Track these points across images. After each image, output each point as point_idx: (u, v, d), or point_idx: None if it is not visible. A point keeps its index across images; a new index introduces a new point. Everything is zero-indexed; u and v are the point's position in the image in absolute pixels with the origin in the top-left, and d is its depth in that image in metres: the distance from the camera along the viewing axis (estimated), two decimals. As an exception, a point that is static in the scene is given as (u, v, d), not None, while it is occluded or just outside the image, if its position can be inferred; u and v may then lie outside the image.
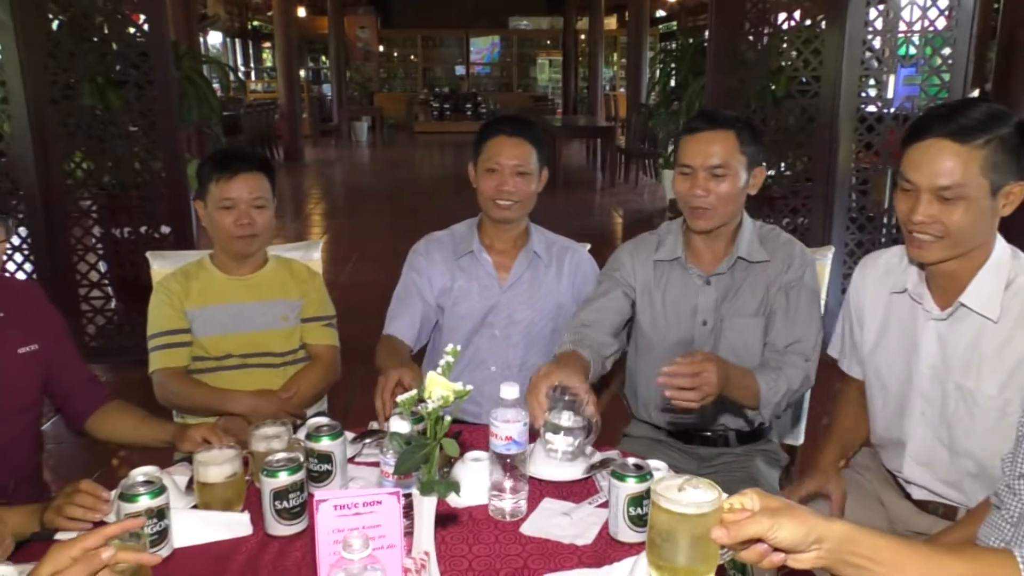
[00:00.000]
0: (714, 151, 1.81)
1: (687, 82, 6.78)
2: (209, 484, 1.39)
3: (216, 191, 2.02)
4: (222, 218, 2.02)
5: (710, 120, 1.85)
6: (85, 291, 4.22)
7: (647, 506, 1.27)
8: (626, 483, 1.30)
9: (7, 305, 1.65)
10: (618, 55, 19.21)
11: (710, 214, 1.83)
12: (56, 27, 3.96)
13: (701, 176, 1.82)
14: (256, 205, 2.04)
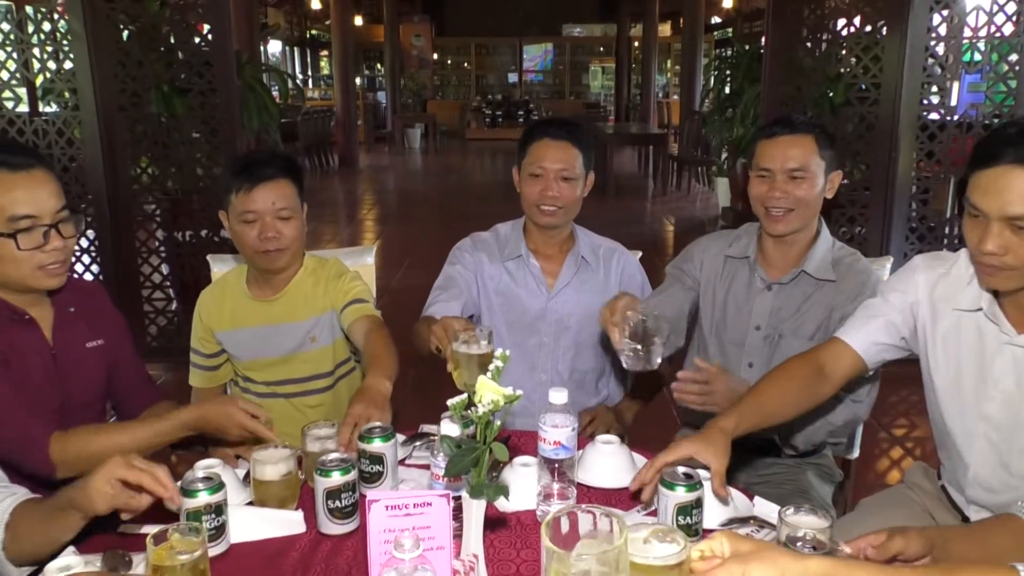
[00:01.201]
0: (793, 155, 1.83)
1: (742, 89, 6.69)
2: (265, 482, 1.43)
3: (237, 203, 1.87)
4: (245, 232, 1.88)
5: (789, 124, 1.86)
6: (148, 292, 4.36)
7: (696, 515, 1.29)
8: (675, 492, 1.29)
9: (76, 301, 1.73)
10: (671, 62, 19.08)
11: (788, 216, 1.84)
12: (126, 37, 4.12)
13: (779, 179, 1.83)
14: (281, 216, 1.88)
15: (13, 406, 1.50)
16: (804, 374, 1.59)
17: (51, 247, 1.54)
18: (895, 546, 1.18)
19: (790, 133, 1.84)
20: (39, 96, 4.14)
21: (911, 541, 1.20)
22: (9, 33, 3.96)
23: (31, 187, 1.52)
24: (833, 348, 1.62)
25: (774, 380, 1.59)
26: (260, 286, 2.01)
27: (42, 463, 1.48)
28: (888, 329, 1.59)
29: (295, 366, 2.01)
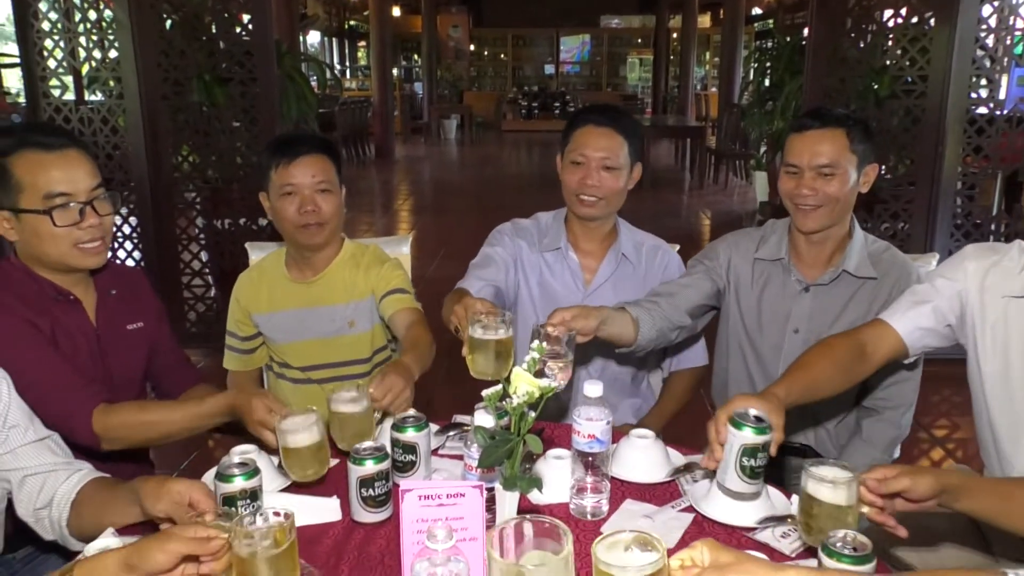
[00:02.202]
0: (823, 150, 1.76)
1: (783, 81, 6.58)
2: (294, 449, 1.40)
3: (277, 178, 1.90)
4: (285, 207, 1.90)
5: (820, 118, 1.79)
6: (187, 279, 4.43)
7: (761, 459, 1.28)
8: (742, 432, 1.27)
9: (117, 285, 1.77)
10: (711, 54, 18.83)
11: (818, 213, 1.79)
12: (169, 26, 4.18)
13: (808, 175, 1.78)
14: (321, 189, 1.90)
15: (59, 379, 1.53)
16: (846, 351, 1.57)
17: (87, 224, 1.59)
18: (899, 484, 1.19)
19: (820, 127, 1.78)
20: (85, 84, 4.22)
21: (919, 482, 1.20)
22: (56, 22, 4.04)
23: (66, 166, 1.56)
24: (876, 329, 1.59)
25: (819, 354, 1.57)
26: (299, 267, 2.03)
27: (86, 435, 1.51)
28: (935, 315, 1.57)
29: (332, 350, 2.01)
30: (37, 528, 1.36)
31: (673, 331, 1.86)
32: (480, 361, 1.44)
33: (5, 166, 1.54)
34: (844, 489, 1.16)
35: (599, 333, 1.66)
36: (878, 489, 1.19)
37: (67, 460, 1.40)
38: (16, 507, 1.36)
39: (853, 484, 1.17)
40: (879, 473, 1.20)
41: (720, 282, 1.95)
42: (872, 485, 1.19)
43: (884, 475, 1.19)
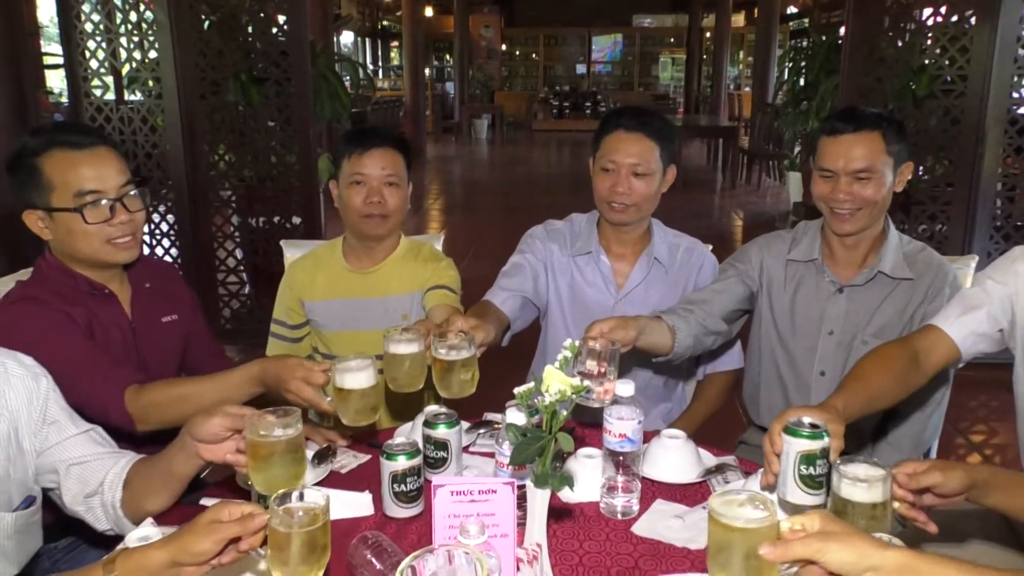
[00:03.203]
0: (858, 155, 1.73)
1: (818, 81, 6.48)
2: (350, 391, 1.41)
3: (348, 167, 1.96)
4: (352, 195, 1.95)
5: (853, 120, 1.75)
6: (222, 276, 4.50)
7: (821, 467, 1.20)
8: (798, 439, 1.20)
9: (151, 278, 1.80)
10: (744, 53, 18.66)
11: (856, 217, 1.76)
12: (207, 27, 4.25)
13: (844, 180, 1.74)
14: (388, 182, 1.95)
15: (91, 364, 1.55)
16: (900, 360, 1.53)
17: (117, 220, 1.62)
18: (930, 478, 1.19)
19: (854, 131, 1.73)
20: (125, 84, 4.30)
21: (950, 476, 1.19)
22: (99, 23, 4.12)
23: (95, 163, 1.60)
24: (929, 336, 1.57)
25: (874, 364, 1.53)
26: (358, 257, 2.06)
27: (120, 416, 1.53)
28: (988, 320, 1.54)
29: (381, 342, 2.03)
30: (88, 517, 1.39)
31: (709, 337, 1.85)
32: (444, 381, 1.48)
33: (37, 166, 1.58)
34: (879, 487, 1.14)
35: (637, 343, 1.65)
36: (908, 484, 1.18)
37: (112, 450, 1.43)
38: (63, 498, 1.39)
39: (887, 481, 1.15)
40: (910, 468, 1.19)
41: (753, 285, 1.93)
42: (902, 480, 1.18)
43: (915, 469, 1.19)
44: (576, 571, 1.24)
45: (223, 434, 1.28)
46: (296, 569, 1.05)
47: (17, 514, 1.35)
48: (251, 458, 1.21)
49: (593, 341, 1.49)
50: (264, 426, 1.20)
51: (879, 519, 1.14)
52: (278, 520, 1.04)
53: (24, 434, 1.36)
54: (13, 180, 1.61)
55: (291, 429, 1.20)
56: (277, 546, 1.05)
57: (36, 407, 1.37)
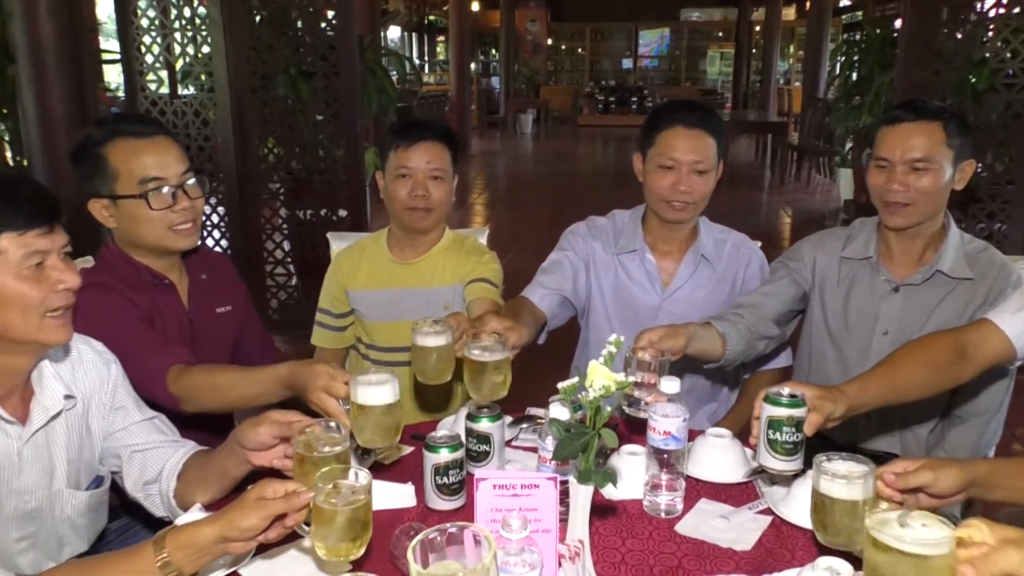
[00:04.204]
0: (916, 144, 1.68)
1: (872, 75, 6.34)
2: (366, 408, 1.30)
3: (394, 159, 1.97)
4: (397, 188, 1.96)
5: (914, 110, 1.71)
6: (270, 268, 4.57)
7: (787, 434, 1.27)
8: (768, 405, 1.28)
9: (207, 269, 1.84)
10: (795, 47, 18.31)
11: (908, 210, 1.71)
12: (258, 22, 4.31)
13: (899, 170, 1.70)
14: (433, 176, 1.96)
15: (141, 342, 1.58)
16: (944, 352, 1.49)
17: (180, 207, 1.66)
18: (920, 478, 1.14)
19: (914, 120, 1.69)
20: (179, 79, 4.39)
21: (943, 475, 1.15)
22: (154, 19, 4.22)
23: (157, 152, 1.64)
24: (981, 330, 1.51)
25: (910, 353, 1.49)
26: (402, 248, 2.07)
27: (163, 395, 1.55)
28: None
29: None
30: (147, 503, 1.43)
31: (760, 342, 1.81)
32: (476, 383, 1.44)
33: (102, 155, 1.62)
34: (860, 484, 1.11)
35: (687, 350, 1.62)
36: (896, 484, 1.14)
37: (173, 438, 1.47)
38: (124, 482, 1.44)
39: (869, 479, 1.12)
40: (899, 466, 1.15)
41: (805, 284, 1.89)
42: (889, 480, 1.14)
43: (904, 468, 1.15)
44: (618, 569, 1.22)
45: (270, 442, 1.30)
46: (337, 545, 1.08)
47: (89, 493, 1.42)
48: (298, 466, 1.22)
49: (642, 351, 1.48)
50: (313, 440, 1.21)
51: (860, 518, 1.09)
52: (322, 497, 1.06)
53: (93, 417, 1.41)
54: (78, 170, 1.66)
55: (339, 446, 1.21)
56: (320, 522, 1.07)
57: (106, 392, 1.43)
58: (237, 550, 1.12)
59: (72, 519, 1.40)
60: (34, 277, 1.22)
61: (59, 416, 1.34)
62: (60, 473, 1.36)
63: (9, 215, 1.19)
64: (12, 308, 1.21)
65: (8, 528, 1.31)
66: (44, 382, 1.33)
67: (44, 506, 1.35)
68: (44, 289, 1.23)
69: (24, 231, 1.20)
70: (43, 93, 3.37)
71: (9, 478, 1.29)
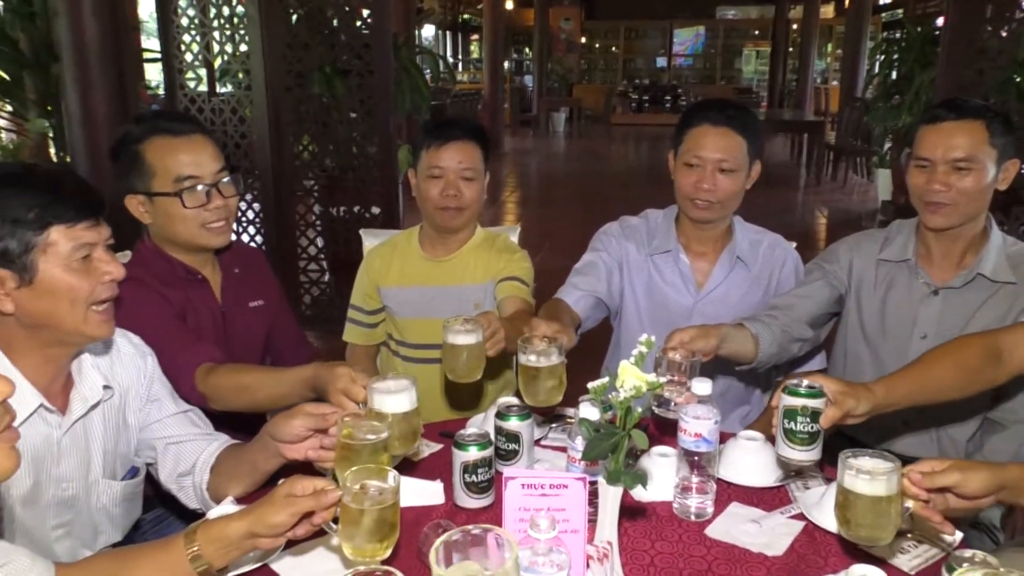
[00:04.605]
0: (958, 143, 1.65)
1: (912, 74, 6.23)
2: (382, 415, 1.28)
3: (426, 159, 1.98)
4: (429, 188, 1.97)
5: (956, 108, 1.67)
6: (304, 264, 4.61)
7: (802, 424, 1.28)
8: (785, 395, 1.29)
9: (240, 264, 1.87)
10: (833, 45, 18.03)
11: (948, 210, 1.68)
12: (295, 21, 4.35)
13: (941, 170, 1.66)
14: (465, 176, 1.97)
15: (172, 338, 1.61)
16: (978, 354, 1.46)
17: (213, 205, 1.68)
18: (947, 478, 1.13)
19: (956, 118, 1.66)
20: (217, 77, 4.45)
21: (971, 478, 1.13)
22: (194, 18, 4.28)
23: (193, 150, 1.67)
24: (1017, 333, 1.48)
25: (944, 354, 1.47)
26: (433, 246, 2.08)
27: (191, 392, 1.58)
28: None
29: None
30: (180, 495, 1.46)
31: (794, 344, 1.79)
32: (531, 389, 1.42)
33: (139, 152, 1.65)
34: (883, 481, 1.10)
35: (719, 351, 1.61)
36: (922, 483, 1.13)
37: (207, 431, 1.49)
38: (159, 474, 1.47)
39: (894, 476, 1.10)
40: (927, 466, 1.14)
41: (841, 287, 1.86)
42: (915, 479, 1.13)
43: (932, 468, 1.13)
44: (647, 571, 1.22)
45: (304, 434, 1.31)
46: (364, 545, 1.08)
47: (125, 483, 1.45)
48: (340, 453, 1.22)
49: (673, 352, 1.47)
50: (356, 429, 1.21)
51: (884, 514, 1.10)
52: (350, 497, 1.07)
53: (130, 409, 1.44)
54: (116, 166, 1.69)
55: (384, 433, 1.21)
56: (347, 522, 1.08)
57: (143, 384, 1.46)
58: (266, 546, 1.13)
59: (108, 508, 1.43)
60: (82, 269, 1.25)
61: (97, 407, 1.37)
62: (97, 463, 1.39)
63: (59, 208, 1.22)
64: (62, 299, 1.24)
65: (46, 515, 1.34)
66: (84, 373, 1.36)
67: (81, 495, 1.38)
68: (92, 281, 1.26)
69: (73, 224, 1.23)
70: (86, 91, 3.44)
71: (49, 466, 1.32)
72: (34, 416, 1.28)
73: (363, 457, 1.19)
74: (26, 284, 1.21)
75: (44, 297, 1.23)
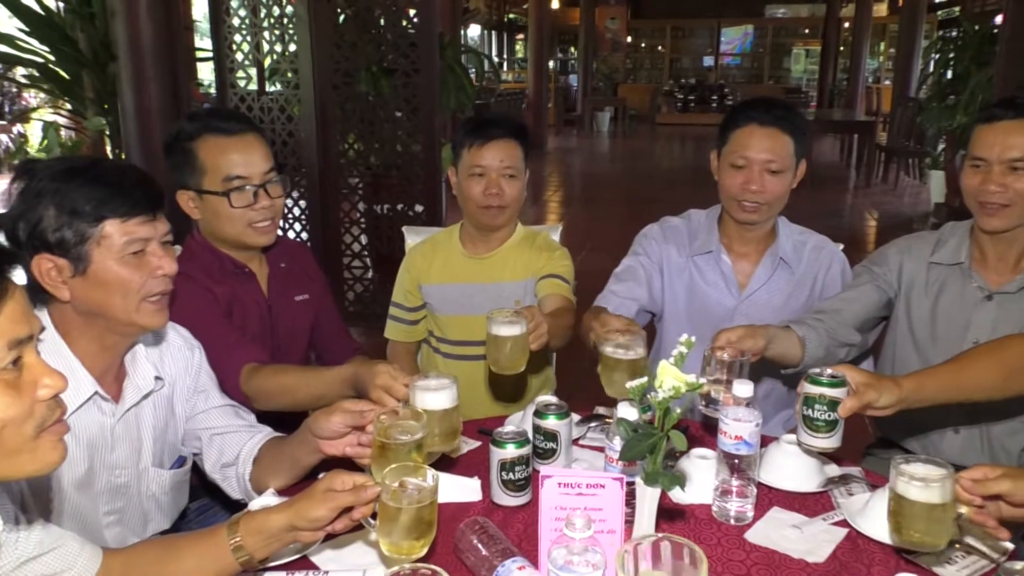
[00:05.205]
0: (1015, 142, 1.60)
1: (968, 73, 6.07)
2: (425, 412, 1.31)
3: (468, 158, 1.99)
4: (471, 187, 1.98)
5: (1014, 107, 1.63)
6: (348, 260, 4.67)
7: (820, 411, 1.32)
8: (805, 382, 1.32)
9: (286, 259, 1.90)
10: (885, 44, 17.63)
11: (1006, 212, 1.63)
12: (342, 20, 4.41)
13: (997, 170, 1.62)
14: (506, 174, 1.97)
15: (220, 339, 1.64)
16: (1020, 354, 1.43)
17: (260, 206, 1.71)
18: (999, 486, 1.13)
19: (1014, 117, 1.61)
20: (266, 76, 4.53)
21: (1021, 485, 1.14)
22: (245, 18, 4.36)
23: (244, 150, 1.70)
24: None
25: (987, 352, 1.45)
26: (474, 243, 2.10)
27: (236, 393, 1.61)
28: None
29: None
30: (224, 486, 1.49)
31: (841, 349, 1.76)
32: (615, 380, 1.44)
33: (191, 149, 1.69)
34: (938, 488, 1.09)
35: (766, 353, 1.60)
36: (974, 490, 1.12)
37: (251, 423, 1.52)
38: (204, 464, 1.50)
39: (947, 483, 1.10)
40: (978, 473, 1.13)
41: (890, 290, 1.81)
42: (967, 485, 1.13)
43: (984, 475, 1.13)
44: (684, 574, 1.20)
45: (342, 430, 1.33)
46: (400, 543, 1.09)
47: (173, 471, 1.49)
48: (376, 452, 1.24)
49: (721, 351, 1.46)
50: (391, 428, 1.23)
51: (938, 521, 1.09)
52: (388, 494, 1.08)
53: (178, 399, 1.48)
54: (169, 161, 1.73)
55: (419, 433, 1.23)
56: (385, 519, 1.09)
57: (191, 375, 1.49)
58: (305, 539, 1.15)
59: (156, 496, 1.47)
60: (135, 263, 1.29)
61: (149, 396, 1.41)
62: (147, 451, 1.43)
63: (115, 202, 1.26)
64: (114, 291, 1.28)
65: (99, 501, 1.38)
66: (137, 364, 1.40)
67: (132, 482, 1.42)
68: (144, 274, 1.29)
69: (127, 218, 1.27)
70: (141, 89, 3.52)
71: (103, 452, 1.36)
72: (89, 403, 1.32)
73: (398, 456, 1.20)
74: (80, 274, 1.26)
75: (97, 287, 1.27)
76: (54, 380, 0.90)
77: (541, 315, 1.58)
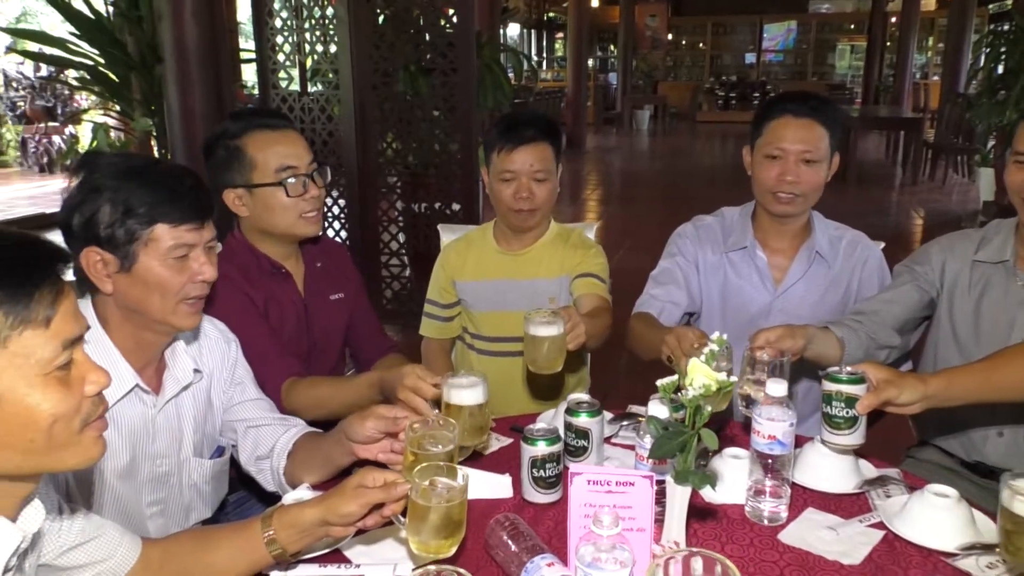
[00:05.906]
0: None
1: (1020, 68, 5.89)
2: (455, 407, 1.38)
3: (498, 162, 1.99)
4: (502, 190, 1.99)
5: None
6: (386, 259, 4.72)
7: (837, 408, 1.35)
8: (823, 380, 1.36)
9: (322, 257, 1.92)
10: (934, 39, 17.21)
11: None
12: (381, 21, 4.45)
13: None
14: (537, 178, 1.97)
15: (261, 350, 1.67)
16: None
17: (310, 195, 1.76)
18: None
19: None
20: (308, 76, 4.59)
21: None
22: (287, 20, 4.43)
23: (288, 142, 1.75)
24: None
25: (1019, 352, 1.41)
26: (508, 240, 2.11)
27: (279, 405, 1.64)
28: None
29: None
30: (259, 478, 1.52)
31: (881, 351, 1.73)
32: None
33: (240, 147, 1.73)
34: None
35: (805, 353, 1.58)
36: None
37: (283, 417, 1.55)
38: (239, 455, 1.54)
39: None
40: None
41: (931, 290, 1.77)
42: None
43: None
44: (715, 573, 1.19)
45: (376, 436, 1.35)
46: (429, 541, 1.10)
47: (212, 461, 1.53)
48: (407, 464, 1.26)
49: (760, 351, 1.45)
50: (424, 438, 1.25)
51: None
52: (417, 493, 1.09)
53: (215, 391, 1.52)
54: (211, 162, 1.77)
55: (451, 445, 1.25)
56: (414, 517, 1.10)
57: (227, 367, 1.53)
58: (337, 534, 1.17)
59: (198, 485, 1.50)
60: (177, 266, 1.33)
61: (188, 388, 1.45)
62: (187, 441, 1.46)
63: (168, 207, 1.31)
64: (153, 291, 1.32)
65: (142, 491, 1.42)
66: (176, 357, 1.43)
67: (174, 471, 1.45)
68: (184, 278, 1.33)
69: (177, 225, 1.31)
70: (186, 90, 3.60)
71: (145, 443, 1.40)
72: (131, 395, 1.36)
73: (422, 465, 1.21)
74: (125, 270, 1.30)
75: (138, 285, 1.31)
76: (100, 377, 0.93)
77: (578, 316, 1.59)
